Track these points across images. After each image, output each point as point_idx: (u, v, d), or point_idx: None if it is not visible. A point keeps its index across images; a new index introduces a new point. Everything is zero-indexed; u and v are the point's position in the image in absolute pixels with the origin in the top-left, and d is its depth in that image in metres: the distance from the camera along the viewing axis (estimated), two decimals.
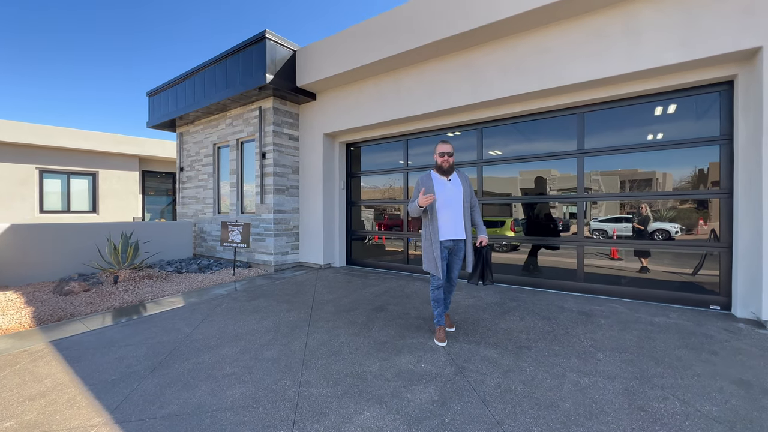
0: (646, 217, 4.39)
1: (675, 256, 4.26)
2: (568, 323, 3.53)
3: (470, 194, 3.20)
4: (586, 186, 4.68)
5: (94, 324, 3.85)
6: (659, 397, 2.24)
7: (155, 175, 13.58)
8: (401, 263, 6.46)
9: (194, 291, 5.24)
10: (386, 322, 3.70)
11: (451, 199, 3.10)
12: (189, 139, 8.70)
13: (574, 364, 2.69)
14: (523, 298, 4.43)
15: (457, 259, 3.18)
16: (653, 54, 3.80)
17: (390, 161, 6.71)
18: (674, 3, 3.71)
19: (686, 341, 3.05)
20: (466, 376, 2.53)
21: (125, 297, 4.84)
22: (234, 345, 3.19)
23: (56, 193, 11.41)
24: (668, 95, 4.15)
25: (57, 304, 4.53)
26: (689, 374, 2.50)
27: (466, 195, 3.16)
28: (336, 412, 2.16)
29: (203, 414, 2.16)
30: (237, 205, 7.41)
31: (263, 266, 6.83)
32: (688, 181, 4.17)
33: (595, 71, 4.10)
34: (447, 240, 3.08)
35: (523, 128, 5.20)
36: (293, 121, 7.08)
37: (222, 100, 6.81)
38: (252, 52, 6.27)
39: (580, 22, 4.20)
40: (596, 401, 2.20)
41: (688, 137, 4.08)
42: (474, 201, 3.24)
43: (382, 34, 5.38)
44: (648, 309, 3.92)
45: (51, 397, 2.37)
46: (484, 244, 3.14)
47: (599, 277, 4.59)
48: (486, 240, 3.15)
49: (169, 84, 8.18)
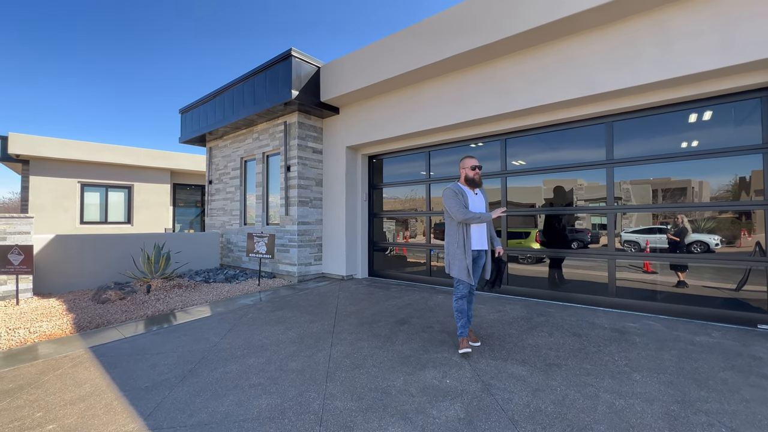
0: (683, 228, 4.18)
1: (716, 270, 4.02)
2: (600, 340, 3.38)
3: (488, 208, 3.44)
4: (616, 196, 4.52)
5: (129, 331, 4.01)
6: (704, 423, 2.09)
7: (185, 187, 14.18)
8: (423, 275, 6.41)
9: (221, 301, 5.38)
10: (409, 335, 3.67)
11: (479, 211, 3.26)
12: (218, 153, 9.07)
13: (608, 384, 2.56)
14: (552, 312, 4.29)
15: (477, 268, 3.30)
16: (687, 61, 3.67)
17: (412, 172, 6.74)
18: (707, 9, 3.58)
19: (732, 363, 2.85)
20: (493, 394, 2.46)
21: (157, 306, 5.03)
22: (259, 355, 3.24)
23: (95, 205, 12.11)
24: (703, 102, 3.98)
25: (95, 311, 4.77)
26: (736, 399, 2.33)
27: (487, 208, 3.40)
28: (360, 426, 2.14)
29: (231, 424, 2.20)
30: (262, 216, 7.61)
31: (287, 277, 6.95)
32: (728, 190, 3.95)
33: (625, 80, 4.00)
34: (475, 250, 3.21)
35: (548, 138, 5.11)
36: (317, 134, 7.26)
37: (249, 115, 7.08)
38: (278, 70, 6.51)
39: (608, 30, 4.12)
40: (633, 425, 2.08)
41: (726, 145, 3.89)
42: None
43: (404, 49, 5.47)
44: (687, 327, 3.70)
45: (90, 402, 2.48)
46: (501, 254, 3.38)
47: (632, 292, 4.39)
48: (502, 251, 3.40)
49: (201, 101, 8.60)
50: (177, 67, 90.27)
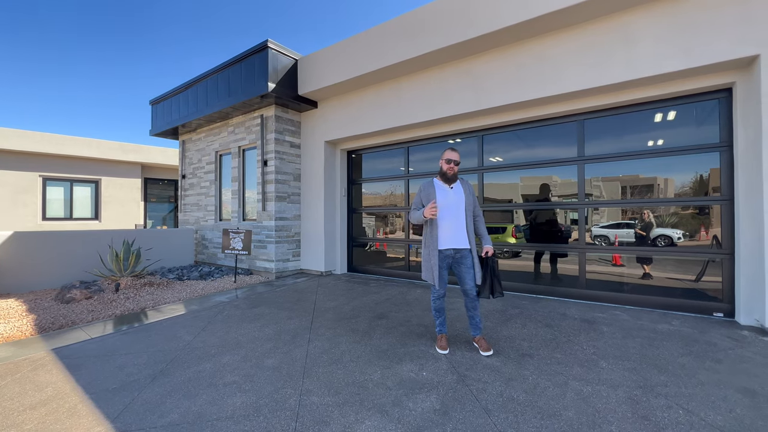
0: (649, 223, 4.39)
1: (678, 262, 4.25)
2: (571, 331, 3.51)
3: (473, 203, 3.12)
4: (587, 192, 4.69)
5: (96, 332, 3.84)
6: (663, 406, 2.22)
7: (157, 182, 13.66)
8: (402, 270, 6.45)
9: (195, 298, 5.24)
10: (388, 329, 3.69)
11: (453, 207, 3.04)
12: (191, 146, 8.77)
13: (576, 372, 2.67)
14: (526, 305, 4.42)
15: (465, 269, 3.02)
16: (652, 62, 3.83)
17: (391, 168, 6.74)
18: (671, 12, 3.75)
19: (690, 349, 3.03)
20: (468, 385, 2.52)
21: (126, 304, 4.84)
22: (235, 353, 3.18)
23: (59, 200, 11.48)
24: (668, 102, 4.18)
25: (58, 311, 4.54)
26: (693, 382, 2.48)
27: (469, 203, 3.08)
28: (337, 421, 2.14)
29: (204, 423, 2.15)
30: (239, 212, 7.43)
31: (264, 273, 6.83)
32: (690, 187, 4.18)
33: (594, 79, 4.14)
34: (448, 249, 3.01)
35: (524, 135, 5.23)
36: (295, 128, 7.14)
37: (224, 108, 6.87)
38: (254, 61, 6.35)
39: (578, 31, 4.25)
40: (599, 410, 2.18)
41: (688, 144, 4.10)
42: (478, 211, 3.16)
43: (383, 43, 5.44)
44: (650, 316, 3.90)
45: (52, 406, 2.36)
46: (490, 254, 3.05)
47: (601, 284, 4.58)
48: (492, 250, 3.06)
49: (172, 92, 8.27)
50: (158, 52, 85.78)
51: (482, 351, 3.01)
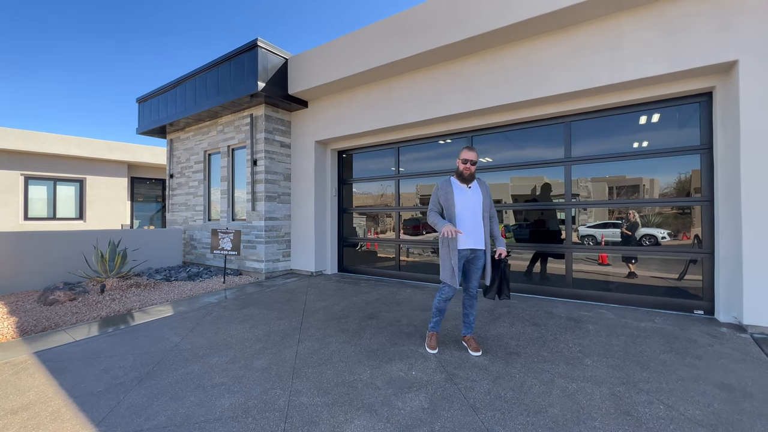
0: (635, 223, 4.49)
1: (662, 261, 4.36)
2: (557, 329, 3.58)
3: (490, 204, 3.08)
4: (574, 192, 4.77)
5: (80, 334, 3.77)
6: (645, 401, 2.28)
7: (144, 181, 13.43)
8: (393, 270, 6.47)
9: (183, 299, 5.17)
10: (378, 329, 3.70)
11: (471, 208, 2.99)
12: (179, 145, 8.64)
13: (562, 369, 2.72)
14: (514, 304, 4.48)
15: (475, 268, 3.03)
16: (635, 66, 3.92)
17: (382, 168, 6.76)
18: (655, 18, 3.84)
19: (671, 346, 3.11)
20: (456, 383, 2.55)
21: (112, 306, 4.76)
22: (223, 354, 3.16)
23: (42, 200, 11.21)
24: (652, 105, 4.28)
25: (41, 314, 4.43)
26: (674, 378, 2.56)
27: (486, 204, 3.04)
28: (326, 421, 2.15)
29: (191, 425, 2.13)
30: (228, 212, 7.36)
31: (254, 274, 6.78)
32: (674, 188, 4.28)
33: (581, 82, 4.21)
34: (465, 249, 2.96)
35: (513, 136, 5.30)
36: (285, 128, 7.10)
37: (213, 107, 6.80)
38: (243, 60, 6.29)
39: (565, 34, 4.32)
40: (584, 406, 2.23)
41: (671, 146, 4.20)
42: (493, 212, 3.11)
43: (374, 43, 5.45)
44: (634, 314, 4.00)
45: (34, 410, 2.32)
46: (503, 257, 3.00)
47: (588, 283, 4.66)
48: (504, 252, 3.01)
49: (160, 91, 8.15)
50: None
51: (471, 351, 3.04)
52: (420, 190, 6.37)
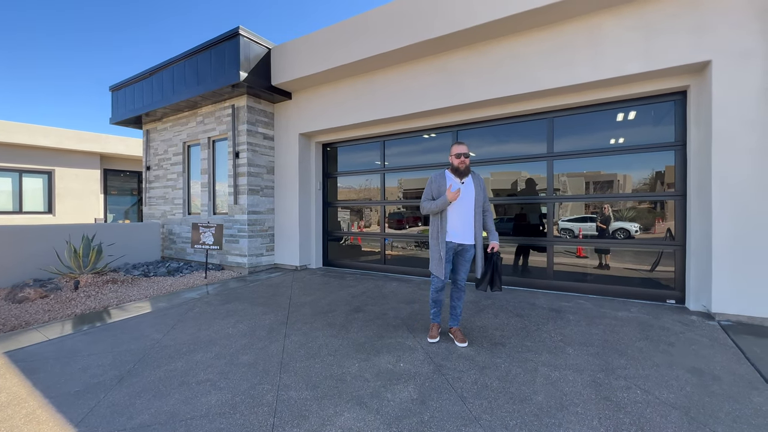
0: (608, 216, 4.65)
1: (635, 253, 4.54)
2: (540, 320, 3.68)
3: (483, 198, 3.10)
4: (555, 187, 4.89)
5: (53, 333, 3.61)
6: (623, 387, 2.38)
7: (118, 173, 12.90)
8: (378, 264, 6.48)
9: (163, 295, 5.03)
10: (365, 322, 3.71)
11: (463, 201, 3.01)
12: (157, 136, 8.33)
13: (545, 358, 2.81)
14: (498, 296, 4.57)
15: (464, 261, 3.07)
16: (615, 64, 4.03)
17: (367, 162, 6.72)
18: (634, 17, 3.95)
19: (646, 334, 3.26)
20: (444, 374, 2.59)
21: (87, 303, 4.58)
22: (208, 350, 3.09)
23: (6, 192, 10.61)
24: (629, 103, 4.41)
25: (10, 312, 4.22)
26: (649, 364, 2.68)
27: (479, 199, 3.06)
28: (316, 414, 2.15)
29: (177, 423, 2.09)
30: (209, 205, 7.17)
31: (237, 268, 6.66)
32: (647, 183, 4.45)
33: (563, 78, 4.30)
34: (455, 242, 3.01)
35: (497, 131, 5.37)
36: (268, 120, 6.95)
37: (192, 97, 6.57)
38: (225, 49, 6.10)
39: (548, 31, 4.38)
40: (566, 393, 2.31)
41: (646, 142, 4.36)
42: (487, 205, 3.14)
43: (359, 35, 5.38)
44: (611, 304, 4.16)
45: (7, 413, 2.21)
46: (496, 250, 3.03)
47: (567, 275, 4.81)
48: (497, 246, 3.03)
49: (135, 79, 7.80)
50: None
51: (458, 342, 3.09)
52: (403, 184, 6.38)
